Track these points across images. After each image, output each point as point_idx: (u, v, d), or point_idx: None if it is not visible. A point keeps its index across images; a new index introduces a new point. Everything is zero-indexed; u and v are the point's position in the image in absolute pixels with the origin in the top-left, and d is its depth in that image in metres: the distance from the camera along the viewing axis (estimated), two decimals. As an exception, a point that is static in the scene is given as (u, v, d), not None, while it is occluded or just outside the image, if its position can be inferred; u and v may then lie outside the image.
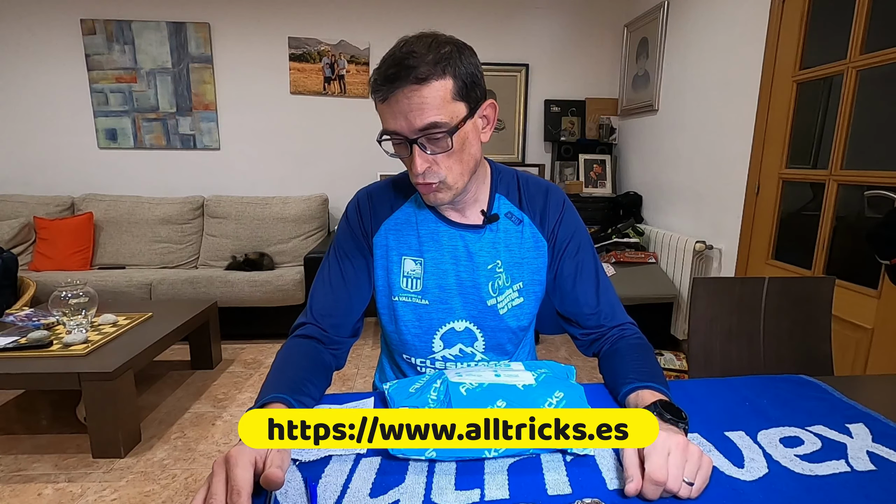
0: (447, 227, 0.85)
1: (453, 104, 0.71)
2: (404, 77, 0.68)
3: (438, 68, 0.69)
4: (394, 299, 0.87)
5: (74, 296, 1.90)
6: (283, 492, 0.55)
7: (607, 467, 0.60)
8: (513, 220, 0.87)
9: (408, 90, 0.69)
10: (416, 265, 0.86)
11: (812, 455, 0.63)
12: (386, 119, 0.72)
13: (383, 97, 0.70)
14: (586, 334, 0.88)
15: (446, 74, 0.70)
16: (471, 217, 0.86)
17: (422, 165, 0.73)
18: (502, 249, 0.86)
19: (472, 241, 0.85)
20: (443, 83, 0.70)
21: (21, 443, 1.86)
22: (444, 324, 0.87)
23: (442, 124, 0.71)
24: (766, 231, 2.10)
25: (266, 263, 3.06)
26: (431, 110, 0.70)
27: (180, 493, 1.60)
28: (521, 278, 0.87)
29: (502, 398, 0.65)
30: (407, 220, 0.87)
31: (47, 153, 3.35)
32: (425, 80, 0.69)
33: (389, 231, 0.87)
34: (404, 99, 0.69)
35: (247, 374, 2.50)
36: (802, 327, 1.20)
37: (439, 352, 0.88)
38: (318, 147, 3.49)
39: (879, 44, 1.59)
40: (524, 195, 0.89)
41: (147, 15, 3.22)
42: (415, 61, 0.68)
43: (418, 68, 0.68)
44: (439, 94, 0.70)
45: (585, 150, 3.47)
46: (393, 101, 0.70)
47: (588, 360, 2.71)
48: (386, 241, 0.87)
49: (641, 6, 3.10)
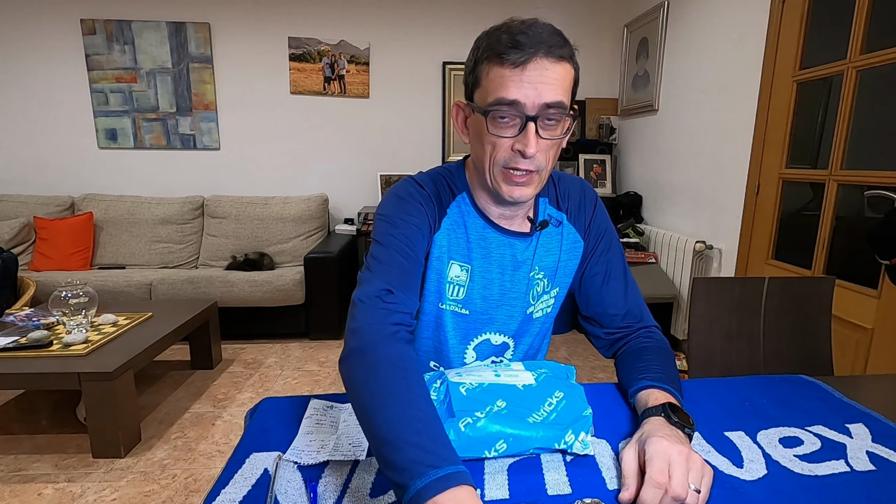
0: (496, 233, 0.79)
1: (570, 93, 0.68)
2: (541, 48, 0.63)
3: (567, 51, 0.66)
4: (441, 307, 0.80)
5: (74, 296, 1.90)
6: (283, 492, 0.55)
7: (607, 467, 0.60)
8: (553, 222, 0.83)
9: (544, 62, 0.64)
10: (462, 272, 0.79)
11: (812, 455, 0.63)
12: (508, 86, 0.64)
13: (516, 62, 0.63)
14: (610, 333, 0.85)
15: (571, 61, 0.67)
16: (518, 224, 0.81)
17: (535, 146, 0.66)
18: (544, 255, 0.82)
19: (520, 251, 0.80)
20: (571, 69, 0.67)
21: (21, 443, 1.86)
22: (480, 334, 0.82)
23: (566, 106, 0.67)
24: (766, 231, 2.10)
25: (266, 263, 3.06)
26: (560, 89, 0.65)
27: (180, 493, 1.59)
28: (559, 284, 0.84)
29: (502, 398, 0.65)
30: (456, 222, 0.79)
31: (47, 153, 3.35)
32: (562, 59, 0.65)
33: (446, 230, 0.78)
34: (541, 69, 0.63)
35: (247, 374, 2.50)
36: (802, 327, 1.19)
37: (472, 363, 0.84)
38: (318, 147, 3.49)
39: (879, 44, 1.59)
40: (560, 191, 0.85)
41: (147, 15, 3.22)
42: (547, 36, 0.64)
43: (553, 45, 0.64)
44: (569, 77, 0.67)
45: (585, 150, 3.46)
46: (527, 67, 0.63)
47: (588, 360, 2.71)
48: (443, 242, 0.78)
49: (641, 6, 3.10)
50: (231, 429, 1.98)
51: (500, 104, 0.65)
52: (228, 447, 1.86)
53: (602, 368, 2.62)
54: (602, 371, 2.59)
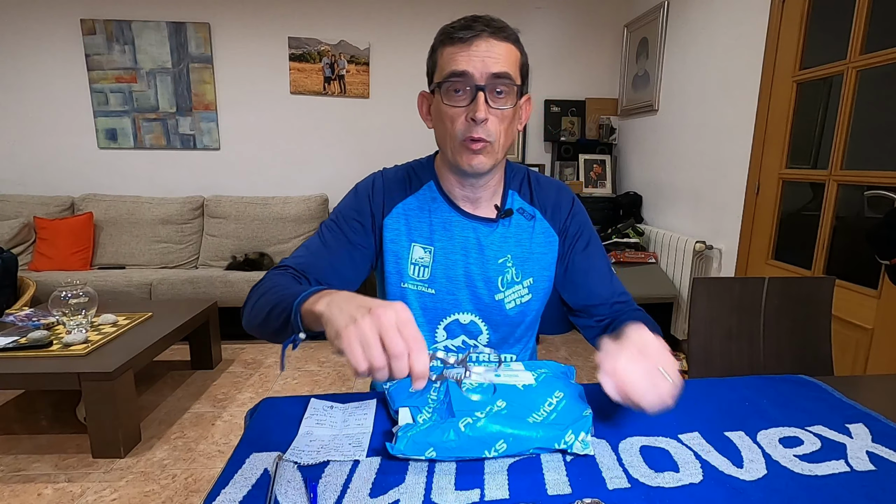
0: (461, 217, 0.85)
1: (518, 72, 0.76)
2: (489, 28, 0.73)
3: (513, 37, 0.76)
4: (403, 286, 0.86)
5: (74, 296, 1.90)
6: (283, 492, 0.55)
7: (607, 467, 0.60)
8: (525, 215, 0.88)
9: (492, 38, 0.73)
10: (425, 253, 0.85)
11: (811, 455, 0.63)
12: (457, 60, 0.73)
13: (464, 38, 0.72)
14: (601, 320, 0.90)
15: (518, 45, 0.77)
16: (484, 210, 0.87)
17: (485, 112, 0.73)
18: (513, 244, 0.86)
19: (484, 235, 0.85)
20: (516, 50, 0.76)
21: (21, 443, 1.86)
22: (449, 314, 0.86)
23: (512, 77, 0.74)
24: (766, 231, 2.10)
25: (266, 263, 3.06)
26: (507, 63, 0.74)
27: (180, 493, 1.59)
28: (532, 274, 0.87)
29: (502, 398, 0.66)
30: (421, 207, 0.86)
31: (47, 153, 3.35)
32: (507, 39, 0.74)
33: (401, 216, 0.86)
34: (485, 44, 0.73)
35: (247, 374, 2.50)
36: (802, 327, 1.19)
37: (442, 342, 0.88)
38: (318, 147, 3.49)
39: (879, 44, 1.59)
40: (535, 190, 0.90)
41: (147, 15, 3.22)
42: (495, 22, 0.74)
43: (500, 28, 0.74)
44: (514, 55, 0.76)
45: (585, 150, 3.47)
46: (474, 43, 0.72)
47: (588, 361, 2.71)
48: (398, 226, 0.85)
49: (641, 6, 3.10)
50: (231, 429, 1.98)
51: (452, 76, 0.74)
52: (228, 447, 1.86)
53: (602, 368, 2.62)
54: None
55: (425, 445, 0.59)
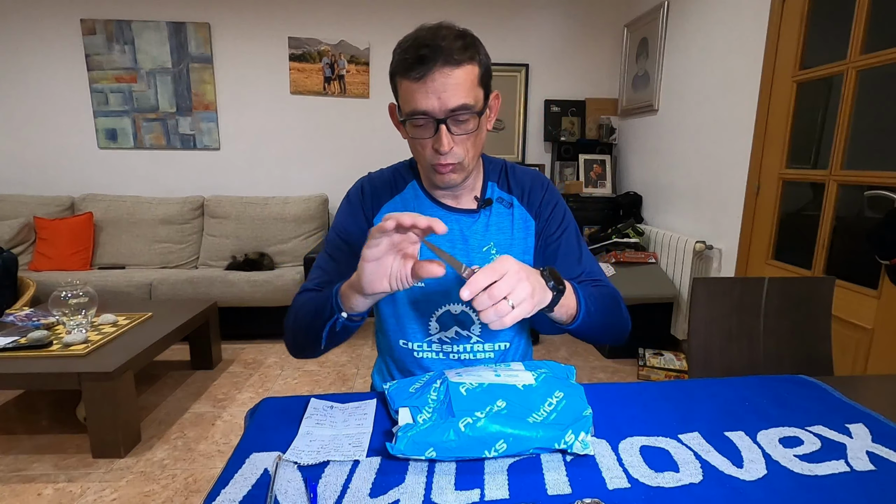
0: (444, 212, 0.89)
1: (477, 89, 0.77)
2: (440, 58, 0.71)
3: (467, 54, 0.74)
4: None
5: (74, 296, 1.90)
6: (283, 492, 0.55)
7: (607, 467, 0.60)
8: (504, 203, 0.91)
9: (444, 71, 0.72)
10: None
11: (811, 455, 0.63)
12: (416, 98, 0.74)
13: (419, 76, 0.72)
14: None
15: (473, 61, 0.75)
16: (466, 203, 0.90)
17: (449, 144, 0.76)
18: (495, 231, 0.90)
19: (466, 226, 0.89)
20: (472, 68, 0.75)
21: (21, 443, 1.86)
22: (440, 306, 0.89)
23: (471, 106, 0.75)
24: (766, 231, 2.10)
25: (266, 263, 3.06)
26: (462, 92, 0.74)
27: (180, 493, 1.59)
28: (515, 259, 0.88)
29: (502, 398, 0.65)
30: (405, 206, 0.90)
31: (47, 153, 3.35)
32: (458, 64, 0.73)
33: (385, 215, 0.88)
34: (440, 78, 0.72)
35: (247, 374, 2.50)
36: (802, 327, 1.19)
37: (436, 334, 0.90)
38: (318, 147, 3.49)
39: (879, 44, 1.59)
40: (511, 179, 0.93)
41: (147, 15, 3.22)
42: (448, 44, 0.72)
43: (453, 52, 0.72)
44: (469, 78, 0.74)
45: (585, 150, 3.46)
46: (429, 80, 0.72)
47: (588, 361, 2.71)
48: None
49: (641, 6, 3.10)
50: (231, 429, 1.98)
51: (414, 114, 0.75)
52: (228, 447, 1.86)
53: (602, 368, 2.62)
54: (602, 371, 2.59)
55: (425, 445, 0.59)
